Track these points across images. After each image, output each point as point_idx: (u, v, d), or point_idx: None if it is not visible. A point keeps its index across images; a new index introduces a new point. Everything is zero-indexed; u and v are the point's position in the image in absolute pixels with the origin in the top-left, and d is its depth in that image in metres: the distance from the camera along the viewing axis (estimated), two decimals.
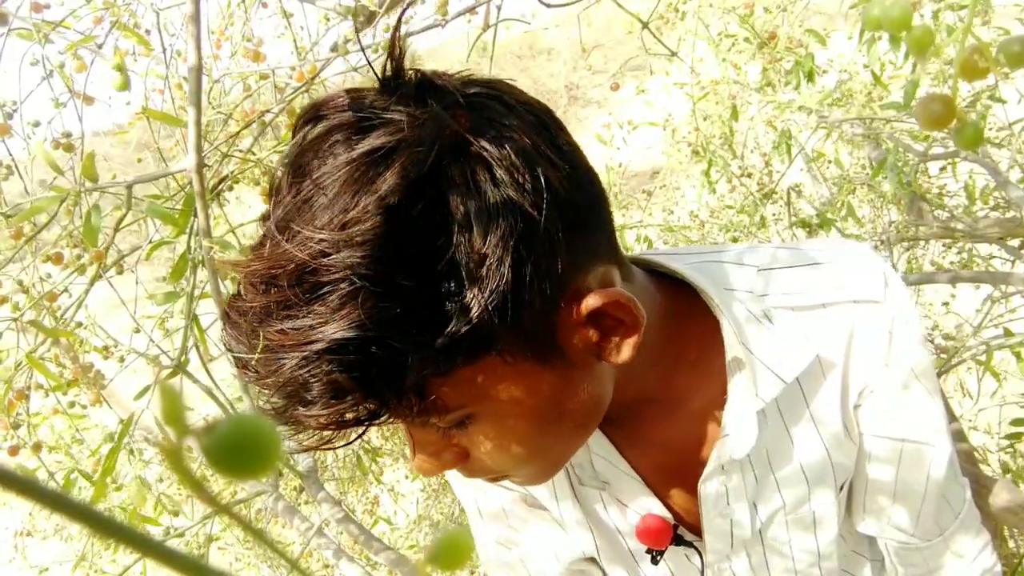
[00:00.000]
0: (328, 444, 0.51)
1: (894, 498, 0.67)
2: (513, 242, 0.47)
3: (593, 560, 0.73)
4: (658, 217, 2.54)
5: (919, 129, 1.87)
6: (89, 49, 1.12)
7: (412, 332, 0.46)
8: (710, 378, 0.64)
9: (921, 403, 0.63)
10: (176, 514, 1.30)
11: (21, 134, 1.14)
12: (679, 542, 0.69)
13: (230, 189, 1.09)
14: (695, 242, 2.31)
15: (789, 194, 2.16)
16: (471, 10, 1.20)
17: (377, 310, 0.44)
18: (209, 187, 0.94)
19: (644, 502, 0.68)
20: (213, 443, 0.16)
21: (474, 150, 0.47)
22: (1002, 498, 1.09)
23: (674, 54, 1.57)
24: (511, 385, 0.51)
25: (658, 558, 0.70)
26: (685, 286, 0.63)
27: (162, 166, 1.29)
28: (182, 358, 0.98)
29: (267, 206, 0.51)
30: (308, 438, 0.51)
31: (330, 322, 0.44)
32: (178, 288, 0.99)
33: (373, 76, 0.50)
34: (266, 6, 1.41)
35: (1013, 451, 1.83)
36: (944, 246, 2.29)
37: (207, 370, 1.04)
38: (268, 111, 1.05)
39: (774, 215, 2.24)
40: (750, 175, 2.28)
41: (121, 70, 1.07)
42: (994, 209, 2.08)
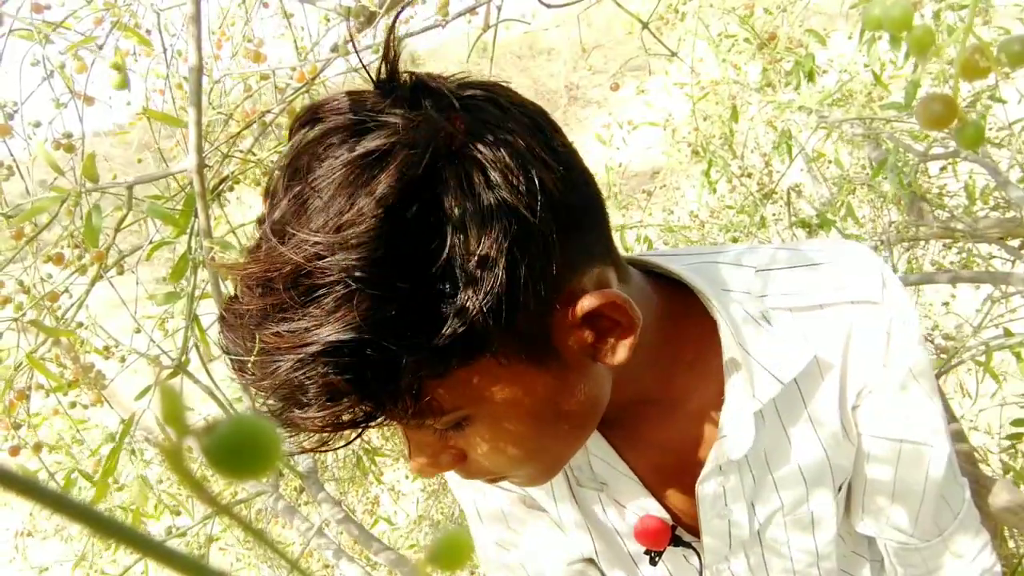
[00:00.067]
0: (325, 446, 0.51)
1: (893, 498, 0.67)
2: (507, 244, 0.47)
3: (592, 561, 0.73)
4: (658, 217, 2.54)
5: (919, 129, 1.87)
6: (89, 50, 1.12)
7: (407, 334, 0.46)
8: (707, 379, 0.63)
9: (919, 403, 0.63)
10: (178, 512, 1.30)
11: (22, 134, 1.15)
12: (677, 543, 0.69)
13: (231, 189, 1.09)
14: (695, 242, 2.31)
15: (789, 194, 2.16)
16: (471, 10, 1.20)
17: (372, 312, 0.45)
18: (210, 187, 0.94)
19: (642, 503, 0.68)
20: (213, 443, 0.16)
21: (469, 152, 0.47)
22: (1002, 498, 1.09)
23: (674, 54, 1.57)
24: (506, 387, 0.51)
25: (656, 559, 0.70)
26: (682, 287, 0.63)
27: (163, 166, 1.29)
28: (183, 358, 0.98)
29: (264, 208, 0.51)
30: (305, 440, 0.51)
31: (325, 324, 0.45)
32: (178, 288, 0.99)
33: (384, 68, 0.50)
34: (267, 6, 1.42)
35: (1014, 451, 1.83)
36: (944, 246, 2.29)
37: (207, 370, 1.05)
38: (269, 111, 1.05)
39: (774, 215, 2.24)
40: (750, 175, 2.28)
41: (119, 69, 1.07)
42: (994, 209, 2.08)
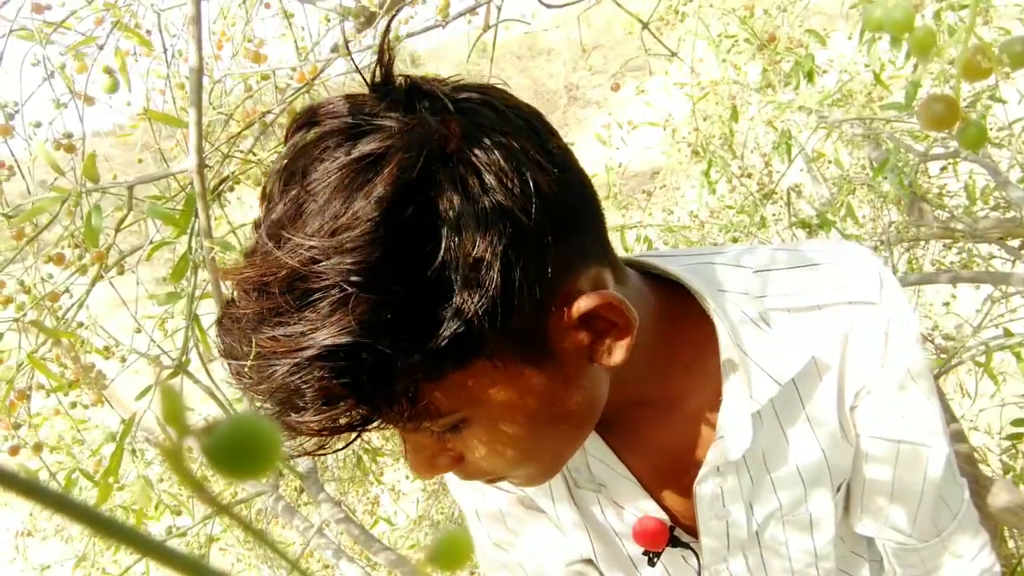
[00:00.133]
0: (323, 449, 0.52)
1: (891, 499, 0.67)
2: (502, 247, 0.47)
3: (591, 562, 0.73)
4: (658, 217, 2.53)
5: (919, 129, 1.87)
6: (90, 52, 1.13)
7: (402, 338, 0.46)
8: (705, 380, 0.64)
9: (918, 404, 0.63)
10: (178, 512, 1.30)
11: (23, 135, 1.15)
12: (676, 543, 0.69)
13: (231, 190, 1.09)
14: (695, 243, 2.31)
15: (789, 194, 2.16)
16: (471, 11, 1.20)
17: (367, 316, 0.45)
18: (210, 188, 0.94)
19: (640, 504, 0.68)
20: (213, 443, 0.16)
21: (463, 156, 0.47)
22: (1001, 498, 1.09)
23: (674, 54, 1.57)
24: (503, 389, 0.51)
25: (655, 560, 0.70)
26: (680, 288, 0.63)
27: (163, 167, 1.29)
28: (183, 358, 0.99)
29: (260, 211, 0.51)
30: (304, 443, 0.51)
31: (321, 329, 0.45)
32: (179, 288, 0.99)
33: (371, 77, 0.51)
34: (268, 7, 1.42)
35: (1014, 452, 1.83)
36: (944, 246, 2.29)
37: (207, 370, 1.05)
38: (269, 112, 1.06)
39: (774, 215, 2.24)
40: (750, 175, 2.28)
41: (110, 73, 1.08)
42: (994, 209, 2.08)
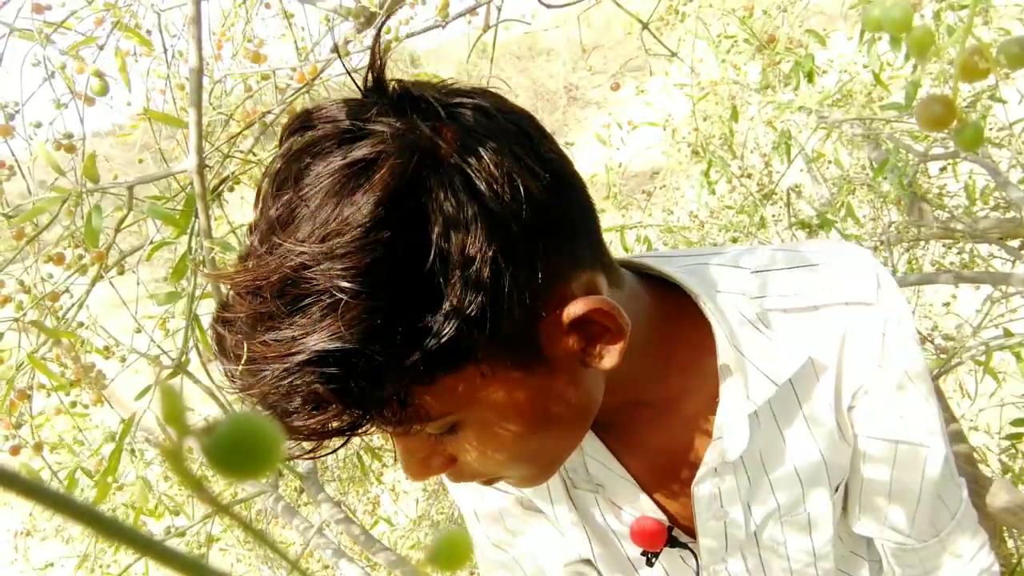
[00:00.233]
0: (312, 453, 0.52)
1: (889, 499, 0.67)
2: (492, 253, 0.47)
3: (590, 562, 0.74)
4: (658, 217, 2.53)
5: (919, 129, 1.87)
6: (90, 52, 1.13)
7: (393, 343, 0.46)
8: (702, 380, 0.64)
9: (915, 404, 0.63)
10: (177, 513, 1.31)
11: (23, 135, 1.15)
12: (674, 544, 0.69)
13: (231, 190, 1.09)
14: (695, 243, 2.31)
15: (789, 195, 2.16)
16: (471, 11, 1.20)
17: (358, 322, 0.45)
18: (210, 188, 0.94)
19: (638, 504, 0.68)
20: (213, 443, 0.17)
21: (454, 162, 0.47)
22: (1000, 498, 1.10)
23: (674, 55, 1.57)
24: (494, 393, 0.51)
25: (653, 560, 0.70)
26: (678, 289, 0.63)
27: (163, 167, 1.29)
28: (183, 358, 0.99)
29: (254, 215, 0.51)
30: (297, 447, 0.51)
31: (311, 334, 0.45)
32: (179, 288, 0.99)
33: (371, 77, 0.51)
34: (268, 7, 1.42)
35: (1013, 451, 1.83)
36: (944, 246, 2.29)
37: (207, 370, 1.05)
38: (269, 112, 1.06)
39: (774, 216, 2.24)
40: (750, 175, 2.28)
41: (100, 76, 1.08)
42: (994, 209, 2.08)
